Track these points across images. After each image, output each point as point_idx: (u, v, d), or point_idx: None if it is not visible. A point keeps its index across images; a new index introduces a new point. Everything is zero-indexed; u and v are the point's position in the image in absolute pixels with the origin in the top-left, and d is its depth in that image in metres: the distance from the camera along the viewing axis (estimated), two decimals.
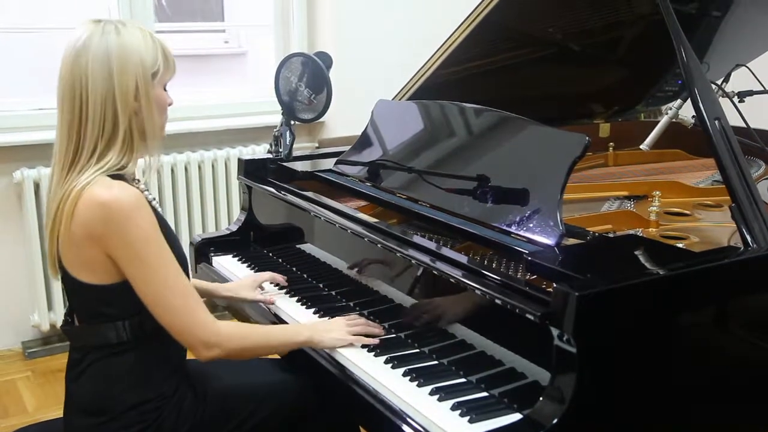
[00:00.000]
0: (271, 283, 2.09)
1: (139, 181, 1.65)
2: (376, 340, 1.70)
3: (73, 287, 1.59)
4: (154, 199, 1.65)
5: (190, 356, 1.75)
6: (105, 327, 1.57)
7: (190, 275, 1.75)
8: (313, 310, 1.93)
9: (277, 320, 1.96)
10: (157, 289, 1.52)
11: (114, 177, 1.54)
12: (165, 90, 1.66)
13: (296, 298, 2.00)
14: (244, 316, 2.08)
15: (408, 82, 2.42)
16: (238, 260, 2.33)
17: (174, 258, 1.55)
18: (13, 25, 3.45)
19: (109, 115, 1.54)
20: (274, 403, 1.71)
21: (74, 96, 1.55)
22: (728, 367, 1.53)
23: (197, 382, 1.69)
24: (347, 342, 1.69)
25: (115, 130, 1.55)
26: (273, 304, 1.98)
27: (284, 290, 2.05)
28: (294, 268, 2.22)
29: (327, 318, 1.86)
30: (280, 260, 2.30)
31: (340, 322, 1.75)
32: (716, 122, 1.62)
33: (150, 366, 1.60)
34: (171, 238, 1.60)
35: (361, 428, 1.84)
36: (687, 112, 2.00)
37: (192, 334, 1.55)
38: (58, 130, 1.58)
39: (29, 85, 3.57)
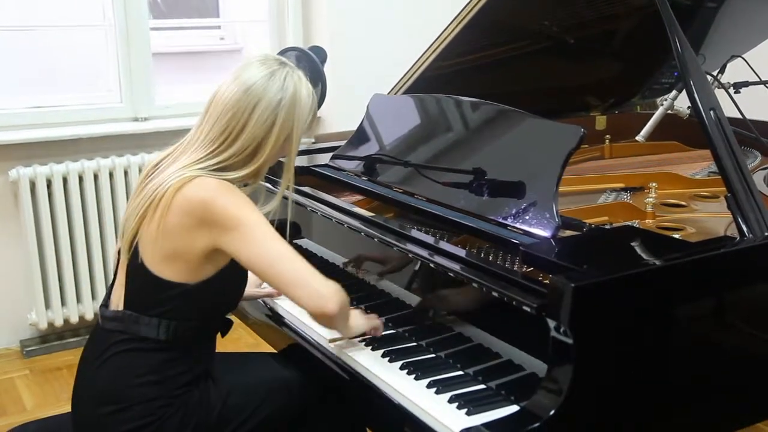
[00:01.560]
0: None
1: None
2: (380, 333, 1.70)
3: (140, 276, 1.60)
4: None
5: None
6: (149, 320, 1.59)
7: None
8: None
9: (272, 314, 1.96)
10: (268, 251, 1.53)
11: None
12: None
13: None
14: (240, 311, 2.08)
15: (403, 76, 2.42)
16: None
17: (270, 224, 1.57)
18: (10, 23, 3.44)
19: (253, 149, 1.61)
20: (276, 400, 1.72)
21: (230, 123, 1.60)
22: (725, 357, 1.53)
23: (202, 381, 1.69)
24: (370, 326, 1.69)
25: (253, 160, 1.62)
26: (279, 296, 1.95)
27: None
28: None
29: None
30: None
31: (356, 312, 1.72)
32: (712, 113, 1.62)
33: (174, 370, 1.60)
34: None
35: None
36: (683, 104, 2.00)
37: (311, 293, 1.53)
38: (197, 132, 1.64)
39: (25, 83, 3.56)
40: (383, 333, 1.71)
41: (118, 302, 1.65)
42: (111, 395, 1.58)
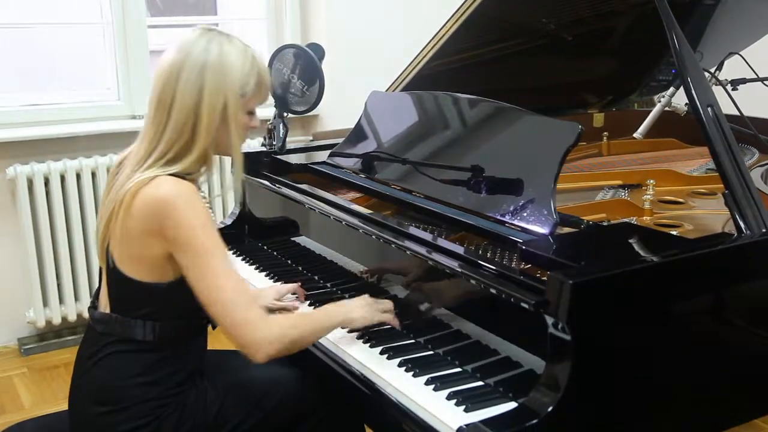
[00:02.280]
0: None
1: (199, 188, 1.63)
2: (399, 325, 1.68)
3: (116, 279, 1.60)
4: (208, 203, 1.65)
5: None
6: (136, 323, 1.58)
7: None
8: (308, 302, 1.93)
9: (270, 312, 1.95)
10: (211, 281, 1.50)
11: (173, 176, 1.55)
12: (252, 113, 1.64)
13: (298, 304, 1.99)
14: None
15: (401, 73, 2.42)
16: (233, 254, 2.33)
17: (228, 255, 1.55)
18: (7, 20, 3.44)
19: (189, 127, 1.55)
20: (274, 398, 1.71)
21: (163, 98, 1.56)
22: (723, 353, 1.53)
23: (200, 380, 1.69)
24: (379, 320, 1.67)
25: (194, 142, 1.56)
26: (296, 308, 1.91)
27: (308, 302, 1.94)
28: (289, 261, 2.22)
29: None
30: (275, 253, 2.30)
31: (367, 299, 1.71)
32: (709, 109, 1.62)
33: (167, 370, 1.60)
34: None
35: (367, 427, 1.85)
36: (681, 101, 2.00)
37: (246, 334, 1.50)
38: (144, 124, 1.61)
39: (22, 81, 3.56)
40: (381, 328, 1.71)
41: (105, 304, 1.64)
42: (106, 396, 1.58)
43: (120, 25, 3.46)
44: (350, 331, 1.70)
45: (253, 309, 1.53)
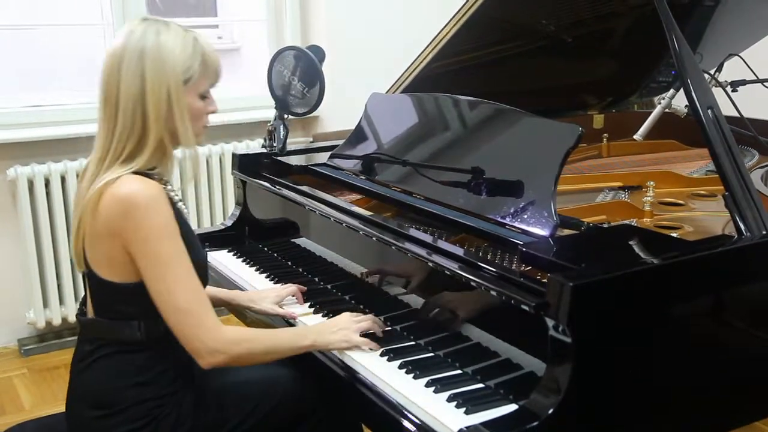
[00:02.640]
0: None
1: (167, 183, 1.63)
2: (377, 346, 1.65)
3: (94, 283, 1.60)
4: (181, 200, 1.64)
5: None
6: (121, 324, 1.58)
7: (208, 280, 1.73)
8: (308, 304, 1.93)
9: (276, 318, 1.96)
10: (167, 287, 1.51)
11: (139, 174, 1.54)
12: (206, 97, 1.62)
13: (297, 313, 1.98)
14: (246, 317, 2.07)
15: (401, 75, 2.42)
16: (234, 255, 2.33)
17: (188, 260, 1.54)
18: (8, 21, 3.44)
19: (139, 118, 1.53)
20: (274, 401, 1.71)
21: (109, 94, 1.55)
22: (723, 355, 1.53)
23: (198, 380, 1.69)
24: (355, 344, 1.64)
25: (146, 134, 1.54)
26: (295, 319, 1.88)
27: (307, 304, 1.94)
28: (289, 263, 2.22)
29: (325, 313, 1.85)
30: (276, 255, 2.30)
31: (346, 319, 1.69)
32: (709, 111, 1.62)
33: (158, 367, 1.60)
34: (191, 241, 1.59)
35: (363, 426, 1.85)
36: (681, 102, 2.00)
37: (196, 338, 1.52)
38: (98, 125, 1.60)
39: (23, 82, 3.56)
40: (383, 330, 1.71)
41: (91, 310, 1.65)
42: (101, 399, 1.58)
43: (120, 27, 3.45)
44: None
45: (208, 316, 1.53)
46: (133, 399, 1.57)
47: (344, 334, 1.65)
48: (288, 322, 1.88)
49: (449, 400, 1.43)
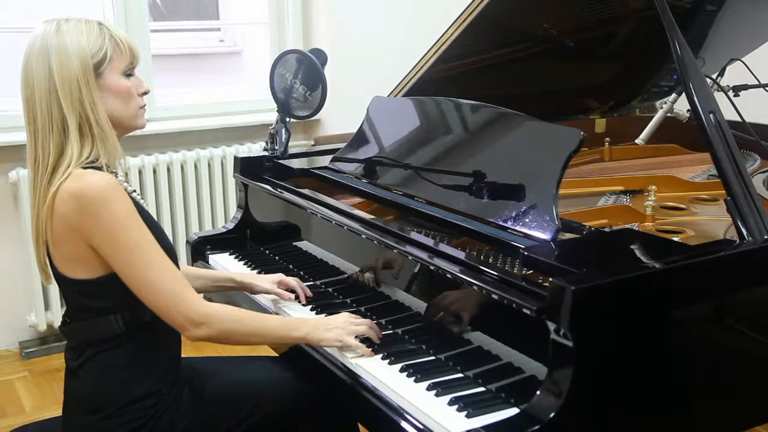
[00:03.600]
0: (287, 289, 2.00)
1: (116, 174, 1.62)
2: (370, 352, 1.64)
3: (63, 285, 1.60)
4: (135, 191, 1.64)
5: (186, 354, 1.75)
6: (98, 322, 1.58)
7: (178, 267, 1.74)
8: (309, 307, 1.93)
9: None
10: (140, 270, 1.51)
11: (87, 168, 1.54)
12: (131, 75, 1.62)
13: (293, 296, 1.99)
14: (236, 305, 2.07)
15: (403, 79, 2.42)
16: (235, 258, 2.33)
17: (153, 240, 1.54)
18: (10, 24, 3.44)
19: (55, 109, 1.54)
20: (272, 401, 1.71)
21: (26, 98, 1.58)
22: (725, 360, 1.53)
23: (195, 380, 1.69)
24: (348, 345, 1.64)
25: (65, 123, 1.54)
26: (290, 300, 1.92)
27: (309, 306, 1.94)
28: (291, 266, 2.22)
29: (325, 314, 1.85)
30: (277, 258, 2.30)
31: (343, 319, 1.69)
32: (711, 116, 1.62)
33: (146, 359, 1.60)
34: (155, 229, 1.59)
35: (360, 426, 1.85)
36: (683, 107, 2.00)
37: (179, 312, 1.53)
38: (27, 139, 1.60)
39: None
40: (383, 333, 1.71)
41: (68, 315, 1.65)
42: (94, 403, 1.58)
43: (122, 29, 3.45)
44: None
45: (186, 291, 1.55)
46: (127, 397, 1.57)
47: (338, 334, 1.64)
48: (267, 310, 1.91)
49: (450, 403, 1.42)
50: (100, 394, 1.58)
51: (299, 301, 1.95)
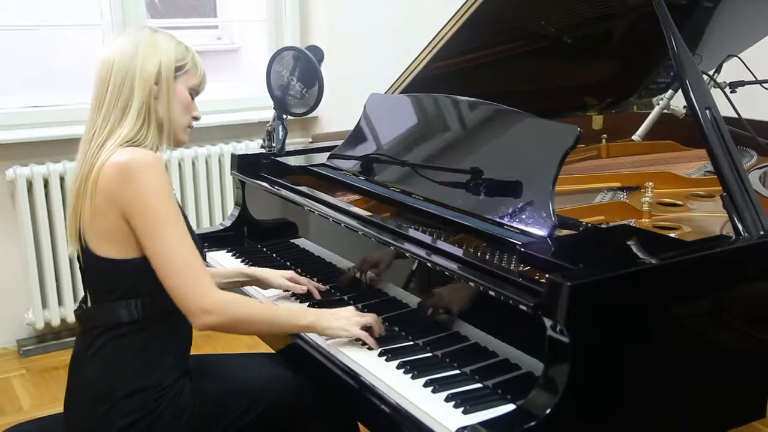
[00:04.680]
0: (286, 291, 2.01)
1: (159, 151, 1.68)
2: (376, 343, 1.65)
3: (91, 262, 1.62)
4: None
5: (191, 351, 1.76)
6: (117, 305, 1.60)
7: (205, 257, 1.78)
8: (307, 304, 1.93)
9: None
10: (165, 244, 1.55)
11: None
12: (193, 97, 1.72)
13: (290, 292, 2.00)
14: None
15: (401, 76, 2.42)
16: (232, 255, 2.33)
17: (183, 223, 1.59)
18: (8, 22, 3.44)
19: (126, 88, 1.62)
20: (272, 398, 1.72)
21: (102, 74, 1.65)
22: (721, 355, 1.53)
23: (195, 376, 1.70)
24: (354, 335, 1.66)
25: (130, 103, 1.62)
26: (302, 291, 1.95)
27: (306, 304, 1.94)
28: (288, 263, 2.22)
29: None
30: (274, 255, 2.30)
31: (349, 312, 1.71)
32: (707, 112, 1.63)
33: (156, 351, 1.62)
34: (186, 221, 1.64)
35: (360, 425, 1.85)
36: (679, 103, 2.00)
37: (190, 297, 1.55)
38: (90, 110, 1.68)
39: (23, 82, 3.56)
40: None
41: (88, 299, 1.67)
42: (101, 390, 1.59)
43: (120, 27, 3.46)
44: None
45: (203, 276, 1.58)
46: (130, 388, 1.58)
47: (345, 323, 1.67)
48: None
49: (447, 399, 1.43)
50: (107, 382, 1.59)
51: (312, 299, 1.96)
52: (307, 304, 1.93)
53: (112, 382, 1.59)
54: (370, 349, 1.65)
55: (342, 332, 1.66)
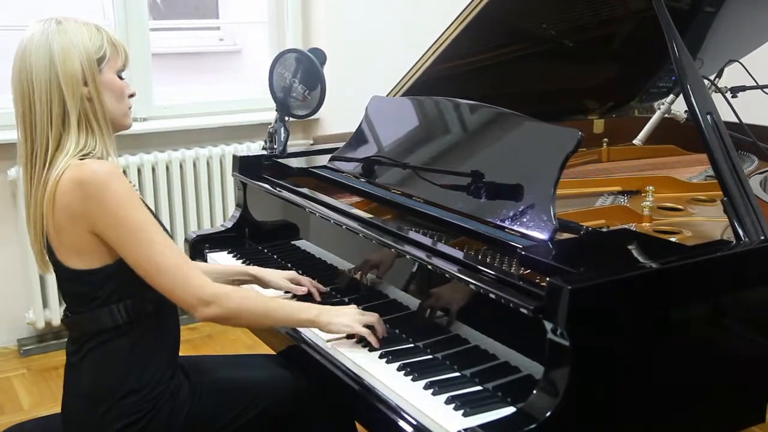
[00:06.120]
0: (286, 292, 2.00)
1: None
2: (377, 341, 1.65)
3: (65, 276, 1.60)
4: (133, 185, 1.65)
5: (184, 353, 1.76)
6: (100, 312, 1.58)
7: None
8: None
9: None
10: (146, 252, 1.52)
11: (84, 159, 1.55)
12: (122, 78, 1.65)
13: (290, 294, 2.00)
14: None
15: (402, 79, 2.42)
16: (233, 257, 2.34)
17: (157, 223, 1.56)
18: (9, 22, 3.44)
19: (56, 102, 1.55)
20: (269, 398, 1.72)
21: (22, 90, 1.57)
22: (721, 360, 1.54)
23: (193, 375, 1.70)
24: (356, 331, 1.65)
25: (66, 118, 1.55)
26: (303, 293, 1.93)
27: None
28: (289, 265, 2.22)
29: None
30: (275, 256, 2.30)
31: (352, 310, 1.71)
32: (708, 117, 1.63)
33: (146, 350, 1.61)
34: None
35: (357, 424, 1.85)
36: (680, 108, 2.01)
37: (188, 292, 1.54)
38: (17, 128, 1.61)
39: None
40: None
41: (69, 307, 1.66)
42: (95, 394, 1.58)
43: (122, 28, 3.47)
44: (349, 337, 1.70)
45: (194, 270, 1.57)
46: (124, 390, 1.57)
47: (347, 320, 1.66)
48: None
49: (448, 402, 1.43)
50: (100, 385, 1.59)
51: (312, 300, 1.94)
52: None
53: (106, 385, 1.58)
54: (370, 350, 1.65)
55: (344, 328, 1.66)
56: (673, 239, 1.73)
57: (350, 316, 1.67)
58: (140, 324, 1.60)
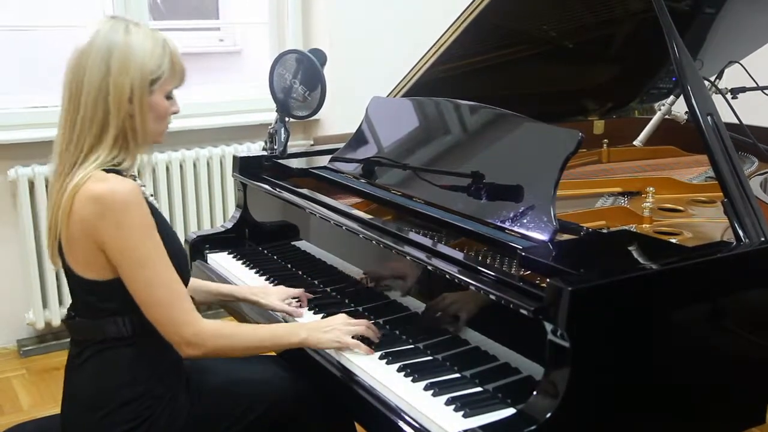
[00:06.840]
0: (293, 298, 1.97)
1: (136, 177, 1.64)
2: (369, 350, 1.65)
3: (75, 283, 1.60)
4: (152, 195, 1.66)
5: None
6: (105, 321, 1.58)
7: (190, 271, 1.75)
8: (308, 306, 1.93)
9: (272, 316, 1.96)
10: (145, 285, 1.52)
11: (109, 171, 1.54)
12: (171, 98, 1.62)
13: (303, 310, 1.98)
14: (240, 314, 2.08)
15: (403, 79, 2.42)
16: (233, 257, 2.34)
17: (165, 254, 1.55)
18: (9, 23, 3.45)
19: (100, 114, 1.54)
20: (269, 400, 1.72)
21: (72, 88, 1.56)
22: (721, 361, 1.54)
23: (192, 378, 1.70)
24: (346, 346, 1.65)
25: (105, 130, 1.54)
26: (301, 317, 1.89)
27: (306, 308, 1.93)
28: (289, 265, 2.22)
29: (323, 315, 1.86)
30: (275, 257, 2.30)
31: (341, 320, 1.70)
32: (709, 118, 1.63)
33: (148, 362, 1.60)
34: (168, 234, 1.60)
35: (357, 425, 1.85)
36: (681, 109, 2.01)
37: (173, 330, 1.55)
38: (59, 120, 1.61)
39: (24, 82, 3.57)
40: (381, 333, 1.71)
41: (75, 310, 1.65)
42: (94, 399, 1.58)
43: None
44: None
45: (184, 311, 1.55)
46: (125, 397, 1.57)
47: (336, 335, 1.65)
48: (285, 320, 1.89)
49: (447, 403, 1.43)
50: (100, 390, 1.58)
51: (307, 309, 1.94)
52: (308, 307, 1.93)
53: (104, 391, 1.58)
54: (361, 352, 1.65)
55: (334, 344, 1.65)
56: (673, 240, 1.73)
57: (339, 329, 1.66)
58: (144, 338, 1.59)
